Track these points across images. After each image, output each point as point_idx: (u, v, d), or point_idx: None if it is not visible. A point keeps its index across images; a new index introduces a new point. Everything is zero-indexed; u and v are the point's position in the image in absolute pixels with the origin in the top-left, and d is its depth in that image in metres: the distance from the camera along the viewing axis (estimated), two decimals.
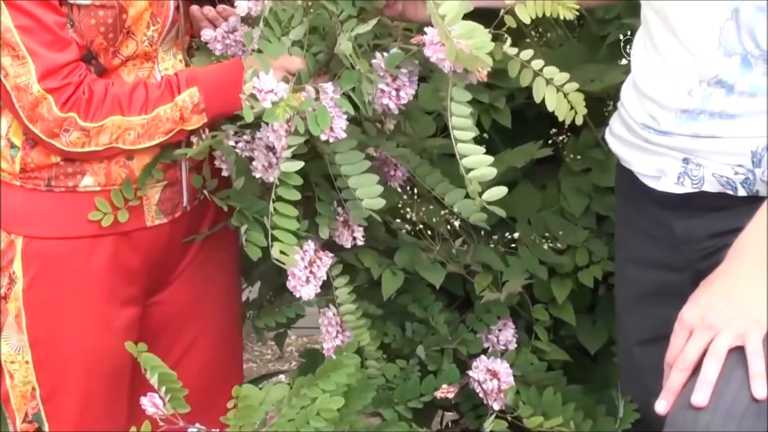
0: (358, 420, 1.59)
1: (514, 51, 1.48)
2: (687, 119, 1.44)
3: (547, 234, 1.84)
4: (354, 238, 1.62)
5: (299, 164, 1.44)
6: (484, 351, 1.80)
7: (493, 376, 1.72)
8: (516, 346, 1.83)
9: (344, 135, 1.46)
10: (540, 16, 1.56)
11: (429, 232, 1.79)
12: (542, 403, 1.74)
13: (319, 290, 1.59)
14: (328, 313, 1.65)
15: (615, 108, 1.67)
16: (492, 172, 1.42)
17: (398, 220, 1.79)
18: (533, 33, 1.85)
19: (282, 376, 2.10)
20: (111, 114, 1.54)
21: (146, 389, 1.37)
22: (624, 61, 2.07)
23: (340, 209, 1.60)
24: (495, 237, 1.83)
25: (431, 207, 1.76)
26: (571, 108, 1.51)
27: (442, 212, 1.76)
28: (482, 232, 1.81)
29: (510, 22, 1.51)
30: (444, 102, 1.48)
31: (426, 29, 1.43)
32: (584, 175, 1.94)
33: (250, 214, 1.60)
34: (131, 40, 1.61)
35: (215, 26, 1.68)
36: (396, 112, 1.53)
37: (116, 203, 1.58)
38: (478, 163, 1.42)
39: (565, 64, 1.59)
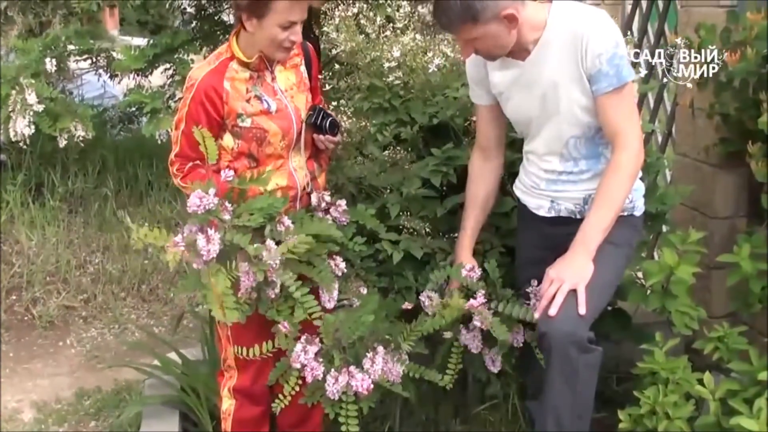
0: (382, 326, 2.30)
1: None
2: (552, 184, 2.30)
3: None
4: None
5: None
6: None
7: (429, 299, 2.44)
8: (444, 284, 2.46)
9: None
10: None
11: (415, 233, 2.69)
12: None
13: None
14: None
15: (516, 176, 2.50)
16: None
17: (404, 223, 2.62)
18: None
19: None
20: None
21: None
22: None
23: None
24: (446, 236, 2.74)
25: (417, 221, 2.68)
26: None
27: (421, 224, 2.69)
28: (440, 233, 2.76)
29: None
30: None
31: None
32: None
33: None
34: (271, 147, 2.28)
35: (325, 146, 2.38)
36: None
37: None
38: None
39: None
